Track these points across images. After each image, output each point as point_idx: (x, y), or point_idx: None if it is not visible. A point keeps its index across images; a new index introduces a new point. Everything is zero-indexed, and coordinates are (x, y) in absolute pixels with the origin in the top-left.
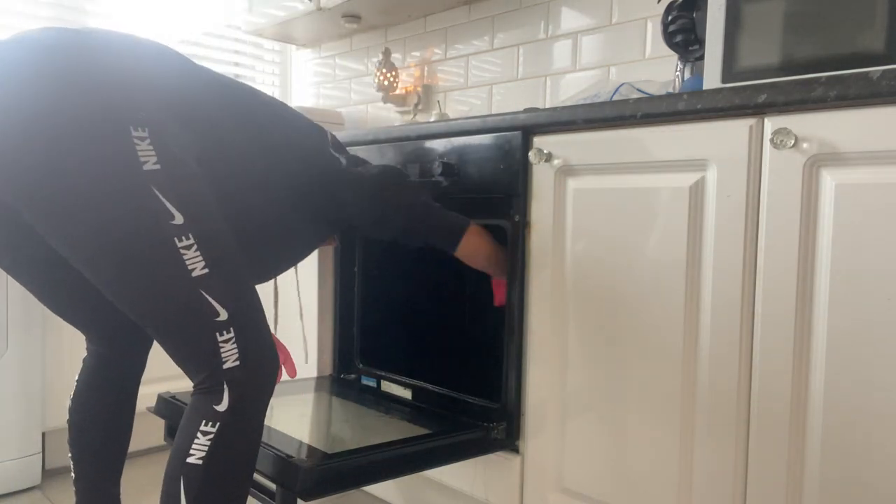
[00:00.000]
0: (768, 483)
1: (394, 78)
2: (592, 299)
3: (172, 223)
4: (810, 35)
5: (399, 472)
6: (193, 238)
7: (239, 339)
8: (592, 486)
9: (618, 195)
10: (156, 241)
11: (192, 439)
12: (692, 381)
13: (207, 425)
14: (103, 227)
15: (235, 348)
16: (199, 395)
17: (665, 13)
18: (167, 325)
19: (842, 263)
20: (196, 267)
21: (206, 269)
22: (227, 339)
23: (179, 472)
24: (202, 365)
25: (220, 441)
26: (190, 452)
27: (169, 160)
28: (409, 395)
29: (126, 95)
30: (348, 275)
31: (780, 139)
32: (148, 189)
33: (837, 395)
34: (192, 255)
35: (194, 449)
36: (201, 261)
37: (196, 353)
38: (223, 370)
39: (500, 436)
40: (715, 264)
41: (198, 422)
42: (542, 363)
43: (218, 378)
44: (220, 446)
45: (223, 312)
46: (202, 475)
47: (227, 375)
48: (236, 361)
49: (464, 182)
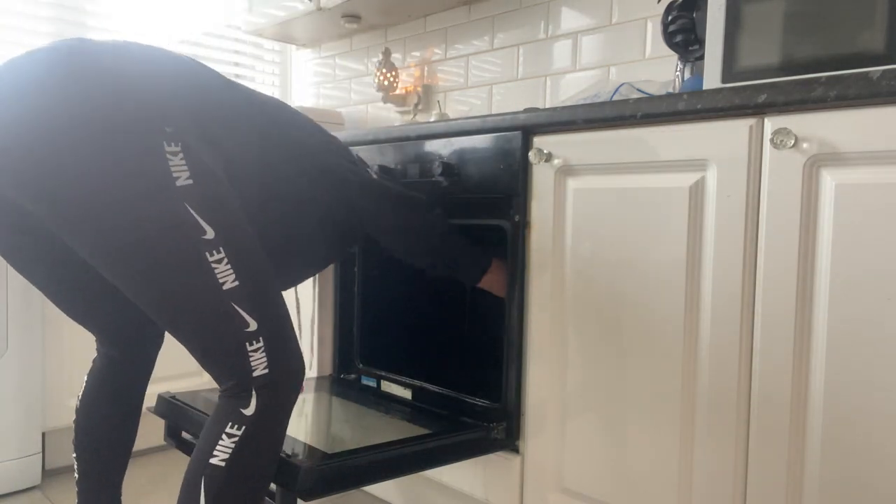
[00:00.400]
0: (768, 483)
1: (394, 78)
2: (592, 299)
3: (204, 238)
4: (810, 35)
5: (399, 472)
6: (224, 252)
7: (268, 347)
8: (592, 486)
9: (618, 195)
10: (187, 256)
11: (216, 440)
12: (692, 381)
13: (233, 428)
14: (136, 241)
15: (265, 357)
16: (227, 399)
17: (665, 13)
18: (199, 335)
19: (842, 263)
20: (227, 280)
21: (236, 282)
22: (256, 348)
23: (201, 473)
24: (232, 373)
25: (244, 444)
26: (213, 453)
27: (201, 175)
28: (409, 395)
29: (158, 110)
30: (348, 275)
31: (780, 139)
32: (181, 205)
33: (837, 394)
34: (222, 268)
35: (218, 450)
36: (231, 273)
37: (226, 361)
38: (252, 377)
39: (500, 436)
40: (715, 264)
41: (224, 423)
42: (542, 363)
43: (246, 385)
44: (244, 449)
45: (253, 323)
46: (224, 476)
47: (256, 382)
48: (265, 370)
49: (464, 182)
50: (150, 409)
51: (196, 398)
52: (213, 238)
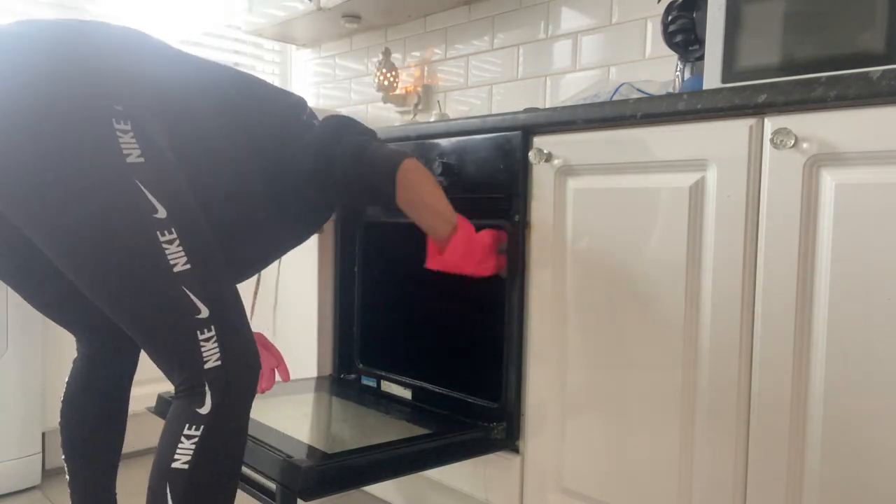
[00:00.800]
0: (768, 483)
1: (394, 78)
2: (592, 299)
3: (155, 217)
4: (810, 35)
5: (399, 472)
6: (176, 233)
7: (220, 337)
8: (592, 486)
9: (618, 195)
10: (138, 234)
11: (175, 444)
12: (692, 381)
13: (191, 429)
14: (84, 219)
15: (217, 347)
16: (181, 399)
17: (665, 13)
18: (146, 321)
19: (842, 263)
20: (178, 262)
21: (187, 265)
22: (207, 337)
23: (165, 478)
24: (182, 364)
25: (204, 444)
26: (174, 457)
27: (153, 153)
28: (409, 395)
29: (105, 88)
30: (348, 275)
31: (780, 139)
32: (131, 182)
33: (837, 394)
34: (174, 249)
35: (179, 454)
36: (183, 256)
37: (176, 351)
38: (204, 370)
39: (500, 436)
40: (715, 264)
41: (181, 425)
42: (542, 363)
43: (199, 379)
44: (205, 449)
45: (204, 310)
46: (188, 480)
47: (208, 375)
48: (217, 361)
49: (464, 182)
50: (150, 409)
51: None
52: (164, 217)
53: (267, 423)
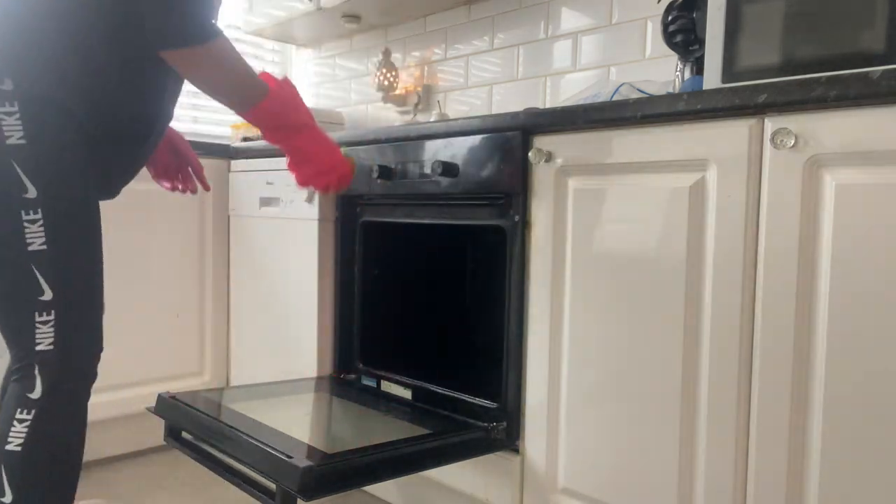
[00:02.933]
0: (769, 483)
1: (394, 78)
2: (592, 299)
3: (25, 196)
4: (810, 35)
5: (399, 472)
6: (41, 213)
7: (58, 322)
8: (592, 486)
9: (618, 195)
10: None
11: (9, 426)
12: (693, 382)
13: (23, 413)
14: None
15: (52, 332)
16: (15, 383)
17: (665, 13)
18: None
19: (842, 263)
20: (34, 242)
21: (44, 246)
22: (45, 320)
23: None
24: (18, 343)
25: (36, 427)
26: (8, 439)
27: (37, 136)
28: (409, 395)
29: None
30: (348, 275)
31: (780, 139)
32: (6, 161)
33: (837, 395)
34: (34, 229)
35: (12, 436)
36: (42, 237)
37: (15, 328)
38: (35, 352)
39: (500, 436)
40: (715, 264)
41: (14, 409)
42: (542, 363)
43: (29, 360)
44: (36, 433)
45: (48, 292)
46: (21, 461)
47: (37, 358)
48: (50, 345)
49: (464, 182)
50: (149, 409)
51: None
52: (34, 198)
53: (267, 423)
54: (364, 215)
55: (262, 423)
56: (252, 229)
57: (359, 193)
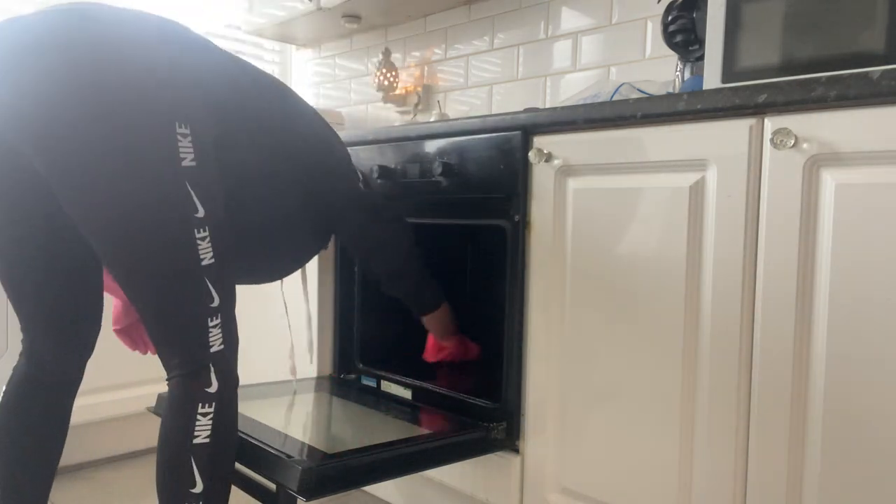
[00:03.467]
0: (768, 483)
1: (394, 78)
2: (592, 299)
3: (196, 216)
4: (810, 35)
5: (399, 472)
6: (208, 231)
7: (224, 326)
8: (592, 485)
9: (618, 195)
10: (179, 229)
11: (192, 421)
12: (692, 381)
13: (205, 407)
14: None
15: (221, 333)
16: (186, 381)
17: (665, 13)
18: (168, 303)
19: (842, 263)
20: (206, 256)
21: (212, 260)
22: (215, 324)
23: (188, 454)
24: (191, 346)
25: (219, 418)
26: (195, 434)
27: (204, 158)
28: (409, 395)
29: (175, 91)
30: (348, 275)
31: (780, 139)
32: (182, 183)
33: (838, 394)
34: (205, 245)
35: (198, 430)
36: (210, 251)
37: (188, 334)
38: (210, 353)
39: (500, 436)
40: (715, 264)
41: (195, 405)
42: (542, 363)
43: (204, 361)
44: (220, 423)
45: (217, 299)
46: (211, 452)
47: (213, 358)
48: (221, 346)
49: (464, 182)
50: (149, 409)
51: None
52: (203, 217)
53: (267, 423)
54: None
55: (262, 423)
56: None
57: None
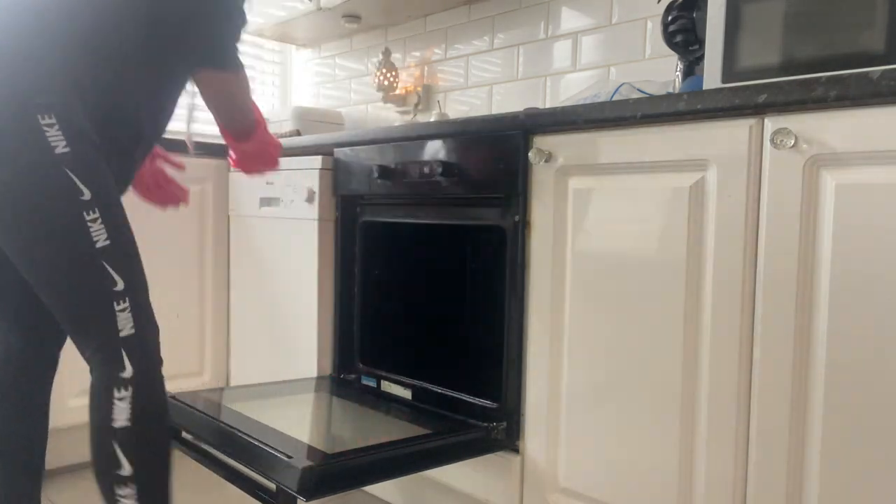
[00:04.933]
0: (769, 483)
1: (394, 78)
2: (592, 299)
3: (82, 199)
4: (810, 35)
5: (399, 472)
6: (99, 212)
7: (133, 308)
8: (592, 485)
9: (618, 195)
10: (68, 216)
11: (110, 407)
12: (693, 382)
13: (120, 391)
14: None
15: (131, 317)
16: (100, 367)
17: (665, 13)
18: (69, 292)
19: (842, 263)
20: (100, 239)
21: (107, 241)
22: (123, 308)
23: (111, 438)
24: (99, 332)
25: (136, 402)
26: (113, 419)
27: (77, 142)
28: (409, 395)
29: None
30: (348, 275)
31: (780, 139)
32: (61, 170)
33: (838, 395)
34: (97, 227)
35: (116, 415)
36: (104, 233)
37: (94, 320)
38: (120, 338)
39: (500, 436)
40: (715, 264)
41: (110, 391)
42: (541, 363)
43: (115, 346)
44: (140, 406)
45: (120, 282)
46: (134, 434)
47: (124, 343)
48: (132, 329)
49: (464, 182)
50: None
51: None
52: (89, 199)
53: (267, 423)
54: (364, 215)
55: (262, 424)
56: (252, 229)
57: (359, 193)
